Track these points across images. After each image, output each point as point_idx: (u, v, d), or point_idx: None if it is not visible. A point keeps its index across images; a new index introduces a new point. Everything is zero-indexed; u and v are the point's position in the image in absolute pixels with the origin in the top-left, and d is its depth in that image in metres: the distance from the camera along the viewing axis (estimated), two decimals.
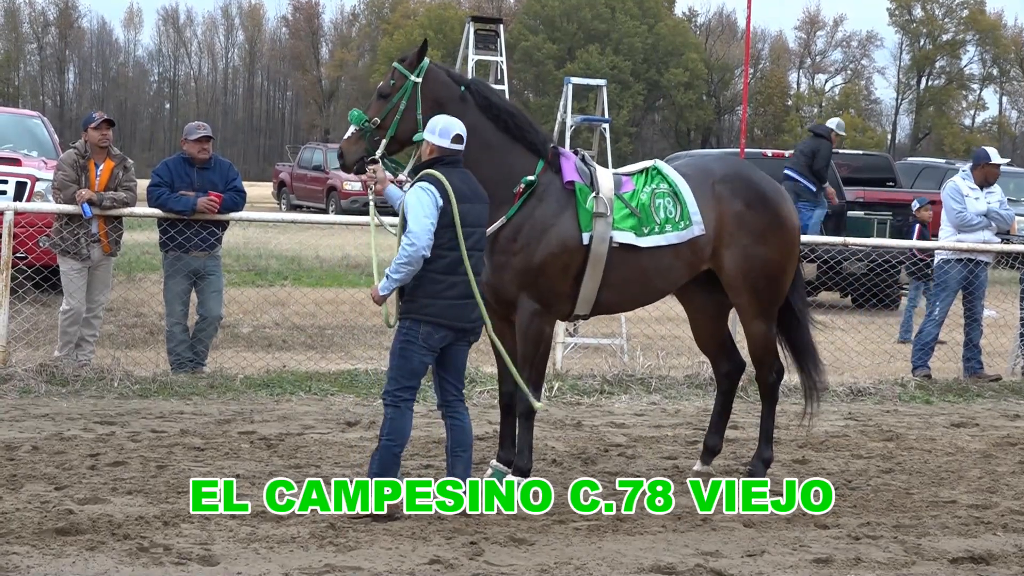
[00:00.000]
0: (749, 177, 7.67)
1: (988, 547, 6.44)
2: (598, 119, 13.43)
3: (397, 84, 7.14)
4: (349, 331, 13.43)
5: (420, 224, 6.43)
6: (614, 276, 7.26)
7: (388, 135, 7.09)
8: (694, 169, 7.69)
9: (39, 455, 7.58)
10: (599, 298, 7.33)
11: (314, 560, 5.75)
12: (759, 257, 7.50)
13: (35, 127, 16.41)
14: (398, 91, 7.12)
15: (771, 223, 7.57)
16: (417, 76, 7.14)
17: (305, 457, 7.84)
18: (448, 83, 7.23)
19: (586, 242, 7.17)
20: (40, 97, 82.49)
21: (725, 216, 7.46)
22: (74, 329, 10.15)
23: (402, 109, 7.08)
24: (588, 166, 7.40)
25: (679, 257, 7.41)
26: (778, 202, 7.66)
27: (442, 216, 6.46)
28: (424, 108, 7.08)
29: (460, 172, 6.67)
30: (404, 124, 7.10)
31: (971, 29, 77.95)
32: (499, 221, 7.03)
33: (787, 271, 7.70)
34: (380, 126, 7.11)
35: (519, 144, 7.22)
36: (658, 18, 77.21)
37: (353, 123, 7.12)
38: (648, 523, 6.62)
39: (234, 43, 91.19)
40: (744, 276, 7.50)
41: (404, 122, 7.10)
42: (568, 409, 9.89)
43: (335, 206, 35.61)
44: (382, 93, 7.17)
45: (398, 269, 6.51)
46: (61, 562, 5.60)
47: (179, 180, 10.29)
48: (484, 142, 7.11)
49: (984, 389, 11.52)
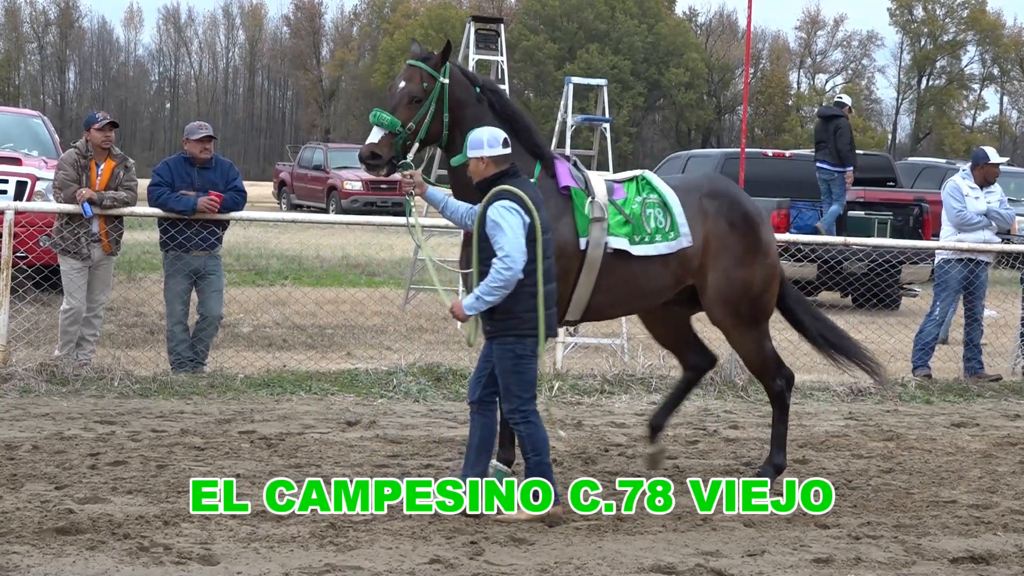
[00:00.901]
0: (735, 196, 7.66)
1: (988, 547, 6.45)
2: (599, 119, 13.43)
3: (429, 87, 7.05)
4: (349, 331, 13.43)
5: (515, 247, 6.39)
6: (605, 282, 7.26)
7: (418, 138, 7.04)
8: (682, 182, 7.71)
9: (39, 454, 7.58)
10: (590, 303, 7.32)
11: (314, 560, 5.75)
12: (739, 280, 7.46)
13: (36, 126, 16.40)
14: (430, 94, 7.05)
15: (751, 246, 7.52)
16: (444, 77, 7.10)
17: (305, 457, 7.84)
18: (466, 84, 7.22)
19: (583, 247, 7.17)
20: (41, 96, 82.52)
21: (710, 234, 7.45)
22: (74, 328, 10.15)
23: (433, 112, 7.04)
24: (580, 171, 7.40)
25: (667, 267, 7.38)
26: (759, 224, 7.61)
27: (531, 230, 6.47)
28: (450, 109, 7.08)
29: (523, 181, 6.67)
30: (433, 127, 7.08)
31: (972, 29, 77.93)
32: None
33: (770, 289, 7.64)
34: (415, 131, 7.02)
35: (520, 147, 7.18)
36: (658, 18, 77.20)
37: (382, 126, 6.94)
38: (648, 523, 6.62)
39: (235, 42, 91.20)
40: (725, 299, 7.46)
41: (433, 125, 7.08)
42: (568, 409, 9.89)
43: (335, 206, 35.63)
44: (414, 96, 7.04)
45: (492, 292, 6.43)
46: (61, 561, 5.60)
47: (180, 180, 10.29)
48: None
49: (984, 389, 11.51)
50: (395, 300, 15.59)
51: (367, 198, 35.66)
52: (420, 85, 7.04)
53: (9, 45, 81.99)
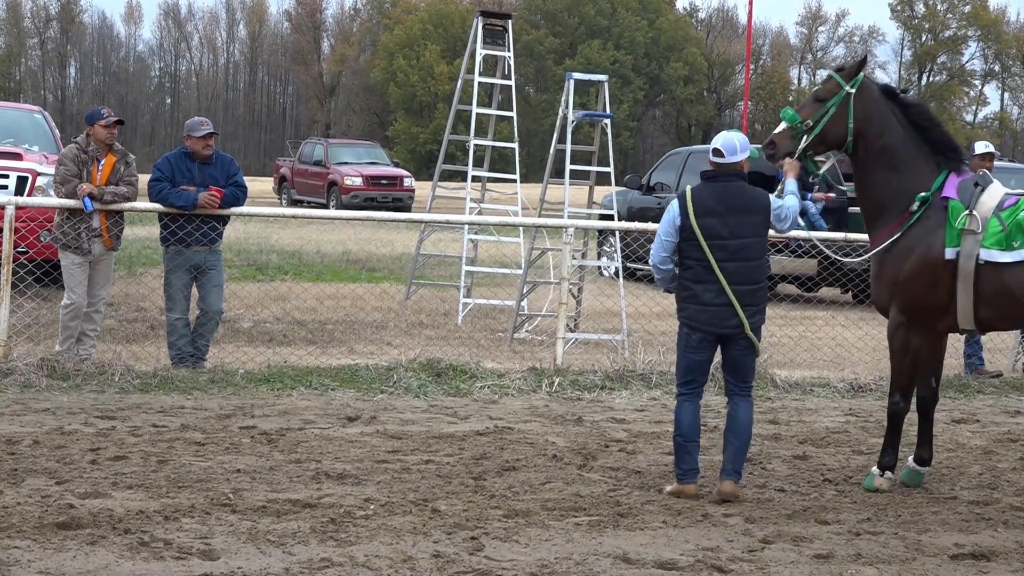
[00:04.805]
0: None
1: (988, 543, 6.44)
2: (600, 114, 13.42)
3: (832, 91, 7.57)
4: (350, 326, 13.43)
5: (656, 239, 7.20)
6: (986, 292, 7.30)
7: (813, 135, 7.54)
8: None
9: (40, 449, 7.58)
10: (979, 314, 7.36)
11: (314, 554, 5.75)
12: None
13: (36, 122, 16.40)
14: (832, 97, 7.55)
15: None
16: (852, 87, 7.55)
17: (305, 452, 7.85)
18: (876, 97, 7.59)
19: (950, 257, 7.27)
20: (41, 92, 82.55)
21: None
22: (75, 324, 10.15)
23: (831, 114, 7.52)
24: (979, 184, 7.44)
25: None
26: None
27: (683, 230, 7.04)
28: (855, 118, 7.51)
29: (719, 185, 7.13)
30: (833, 128, 7.55)
31: (973, 25, 77.89)
32: (894, 236, 7.37)
33: None
34: (811, 128, 7.54)
35: (927, 160, 7.49)
36: (659, 13, 77.17)
37: (785, 120, 7.61)
38: (649, 519, 6.63)
39: (235, 38, 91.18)
40: None
41: (833, 126, 7.55)
42: (569, 404, 9.90)
43: (336, 201, 35.65)
44: (818, 97, 7.61)
45: (654, 273, 7.36)
46: (62, 556, 5.60)
47: (180, 175, 10.29)
48: (893, 164, 7.49)
49: (985, 385, 11.52)
50: (395, 296, 15.59)
51: (367, 194, 35.68)
52: (828, 90, 7.61)
53: (10, 40, 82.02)
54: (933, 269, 7.32)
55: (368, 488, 7.00)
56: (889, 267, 7.45)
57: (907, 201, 7.43)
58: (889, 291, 7.48)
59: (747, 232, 7.05)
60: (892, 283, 7.44)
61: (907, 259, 7.38)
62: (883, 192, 7.54)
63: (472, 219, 12.88)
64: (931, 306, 7.39)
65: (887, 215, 7.51)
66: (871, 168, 7.58)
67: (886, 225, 7.50)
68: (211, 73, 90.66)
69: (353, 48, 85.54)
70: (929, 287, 7.33)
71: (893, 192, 7.50)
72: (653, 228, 12.76)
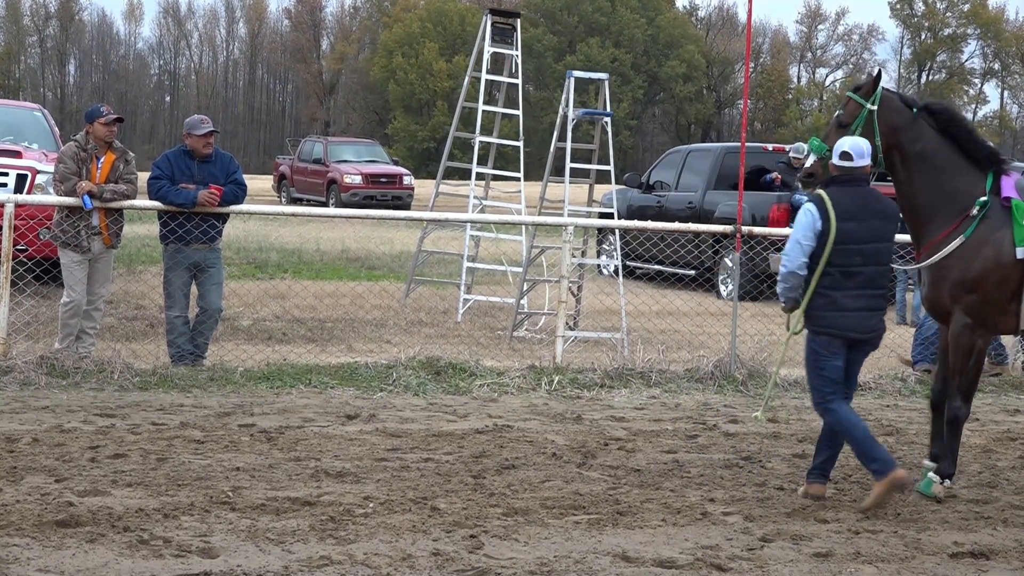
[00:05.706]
0: None
1: (988, 542, 6.45)
2: (600, 112, 13.42)
3: (853, 113, 7.51)
4: (349, 324, 13.43)
5: (791, 245, 6.96)
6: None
7: None
8: None
9: (39, 447, 7.58)
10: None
11: (313, 553, 5.76)
12: None
13: (36, 119, 16.40)
14: (855, 119, 7.50)
15: None
16: (872, 104, 7.50)
17: (305, 450, 7.85)
18: (901, 108, 7.56)
19: (1022, 256, 7.25)
20: (41, 89, 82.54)
21: None
22: (74, 321, 10.15)
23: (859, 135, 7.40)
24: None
25: None
26: None
27: (822, 235, 6.88)
28: (881, 133, 7.46)
29: (853, 190, 6.99)
30: None
31: (973, 23, 77.88)
32: (955, 242, 7.27)
33: None
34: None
35: (969, 163, 7.44)
36: (658, 11, 77.14)
37: (814, 152, 7.50)
38: (648, 517, 6.63)
39: (235, 36, 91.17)
40: None
41: None
42: (568, 403, 9.90)
43: (335, 199, 35.65)
44: (841, 123, 7.53)
45: (779, 282, 7.11)
46: (61, 554, 5.61)
47: (180, 173, 10.29)
48: (934, 166, 7.44)
49: (984, 384, 11.51)
50: (395, 294, 15.59)
51: (367, 192, 35.69)
52: (850, 113, 7.53)
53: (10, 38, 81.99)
54: (1004, 269, 7.27)
55: (367, 486, 7.00)
56: (954, 269, 7.34)
57: (959, 202, 7.37)
58: (953, 293, 7.36)
59: (883, 236, 7.01)
60: (958, 285, 7.33)
61: (974, 260, 7.29)
62: (931, 195, 7.44)
63: (471, 217, 12.88)
64: (999, 307, 7.34)
65: (940, 218, 7.40)
66: (913, 174, 7.49)
67: (941, 228, 7.38)
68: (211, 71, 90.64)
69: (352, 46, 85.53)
70: (998, 287, 7.28)
71: (943, 193, 7.42)
72: (653, 227, 12.84)
